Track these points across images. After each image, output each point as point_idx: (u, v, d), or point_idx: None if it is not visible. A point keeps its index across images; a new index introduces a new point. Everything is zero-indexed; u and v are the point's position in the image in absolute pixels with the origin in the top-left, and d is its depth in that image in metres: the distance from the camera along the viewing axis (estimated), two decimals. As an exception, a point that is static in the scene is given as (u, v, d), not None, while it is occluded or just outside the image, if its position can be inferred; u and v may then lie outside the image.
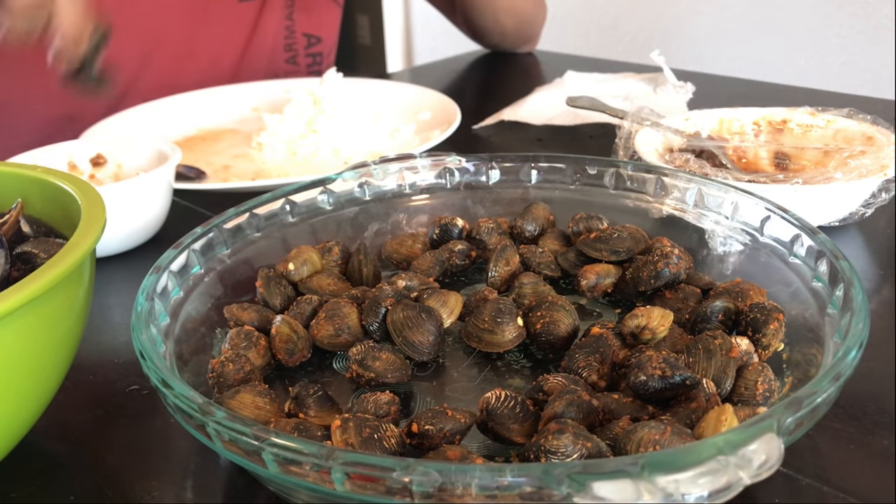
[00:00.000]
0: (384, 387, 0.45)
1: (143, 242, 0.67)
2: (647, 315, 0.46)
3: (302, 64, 1.19)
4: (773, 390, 0.42)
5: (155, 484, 0.41)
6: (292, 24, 1.16)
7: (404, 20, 2.89)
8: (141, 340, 0.40)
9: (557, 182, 0.61)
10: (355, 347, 0.46)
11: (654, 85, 0.97)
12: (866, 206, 0.62)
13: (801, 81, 1.14)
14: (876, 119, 0.68)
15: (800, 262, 0.48)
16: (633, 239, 0.54)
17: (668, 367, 0.40)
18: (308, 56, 1.20)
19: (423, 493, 0.30)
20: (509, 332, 0.47)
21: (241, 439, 0.33)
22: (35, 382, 0.40)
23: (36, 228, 0.48)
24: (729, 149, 0.71)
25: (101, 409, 0.48)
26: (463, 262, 0.57)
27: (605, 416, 0.40)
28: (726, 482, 0.29)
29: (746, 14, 1.93)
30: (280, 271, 0.54)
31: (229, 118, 1.01)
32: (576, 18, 2.24)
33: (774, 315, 0.45)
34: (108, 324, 0.57)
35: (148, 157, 0.71)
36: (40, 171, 0.49)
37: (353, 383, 0.46)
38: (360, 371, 0.45)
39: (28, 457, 0.44)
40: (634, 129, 0.70)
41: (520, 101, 0.97)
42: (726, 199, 0.54)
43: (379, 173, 0.60)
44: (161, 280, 0.46)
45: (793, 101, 0.78)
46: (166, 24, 1.04)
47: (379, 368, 0.45)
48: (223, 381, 0.44)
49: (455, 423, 0.39)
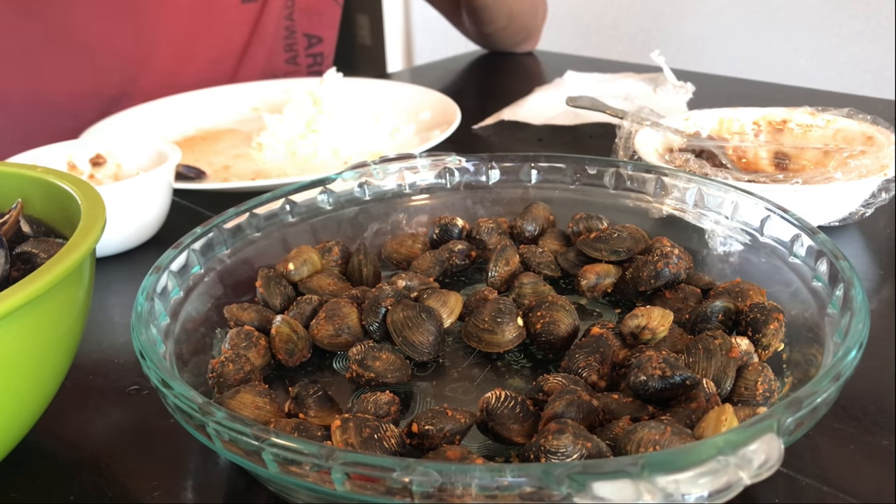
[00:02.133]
0: (384, 387, 0.45)
1: (143, 242, 0.67)
2: (647, 315, 0.46)
3: (302, 64, 1.19)
4: (773, 390, 0.42)
5: (155, 484, 0.41)
6: (293, 24, 1.16)
7: (404, 20, 2.89)
8: (141, 340, 0.40)
9: (557, 182, 0.61)
10: (355, 347, 0.46)
11: (654, 85, 0.97)
12: (866, 206, 0.62)
13: (801, 81, 1.14)
14: (876, 119, 0.68)
15: (800, 262, 0.48)
16: (633, 239, 0.54)
17: (668, 367, 0.40)
18: (308, 56, 1.19)
19: (423, 494, 0.30)
20: (509, 332, 0.47)
21: (241, 439, 0.33)
22: (35, 382, 0.40)
23: (36, 228, 0.48)
24: (729, 149, 0.71)
25: (101, 409, 0.48)
26: (463, 262, 0.57)
27: (605, 416, 0.40)
28: (726, 482, 0.29)
29: (746, 14, 1.94)
30: (280, 271, 0.54)
31: (229, 118, 1.02)
32: (576, 18, 2.24)
33: (774, 315, 0.45)
34: (108, 324, 0.57)
35: (148, 157, 0.71)
36: (40, 171, 0.49)
37: (353, 383, 0.46)
38: (360, 371, 0.45)
39: (28, 457, 0.44)
40: (634, 129, 0.70)
41: (520, 101, 0.97)
42: (726, 199, 0.54)
43: (379, 173, 0.60)
44: (161, 280, 0.46)
45: (793, 101, 0.78)
46: (168, 25, 1.04)
47: (379, 368, 0.45)
48: (223, 381, 0.44)
49: (455, 423, 0.39)
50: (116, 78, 1.03)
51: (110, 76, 1.03)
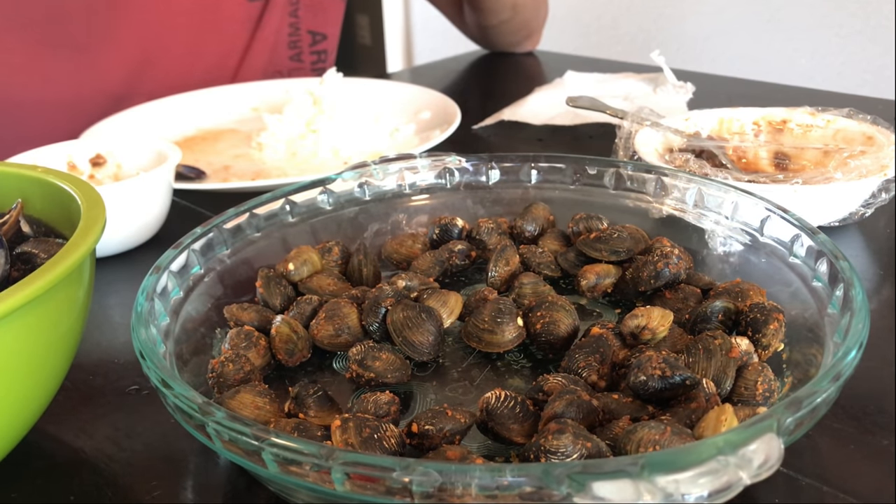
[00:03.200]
0: (384, 387, 0.45)
1: (143, 242, 0.67)
2: (647, 315, 0.46)
3: (307, 61, 1.19)
4: (773, 390, 0.42)
5: (155, 484, 0.41)
6: (297, 20, 1.15)
7: (404, 20, 2.89)
8: (141, 340, 0.40)
9: (557, 182, 0.61)
10: (355, 347, 0.46)
11: (654, 85, 0.97)
12: (866, 206, 0.62)
13: (801, 81, 1.14)
14: (876, 119, 0.68)
15: (800, 262, 0.48)
16: (633, 239, 0.54)
17: (668, 367, 0.40)
18: (313, 53, 1.19)
19: (423, 493, 0.30)
20: (509, 332, 0.47)
21: (241, 439, 0.33)
22: (35, 382, 0.40)
23: (36, 228, 0.48)
24: (729, 149, 0.71)
25: (101, 409, 0.48)
26: (463, 262, 0.57)
27: (605, 416, 0.40)
28: (726, 482, 0.29)
29: (746, 14, 1.94)
30: (280, 271, 0.54)
31: (229, 118, 1.01)
32: (576, 18, 2.24)
33: (774, 315, 0.45)
34: (108, 324, 0.57)
35: (148, 157, 0.71)
36: (40, 171, 0.49)
37: (353, 383, 0.46)
38: (360, 371, 0.45)
39: (28, 457, 0.44)
40: (634, 129, 0.70)
41: (520, 101, 0.97)
42: (726, 199, 0.54)
43: (379, 173, 0.60)
44: (161, 280, 0.46)
45: (793, 101, 0.78)
46: (174, 25, 1.04)
47: (379, 368, 0.45)
48: (223, 381, 0.44)
49: (455, 423, 0.39)
50: (120, 77, 1.03)
51: (114, 75, 1.03)
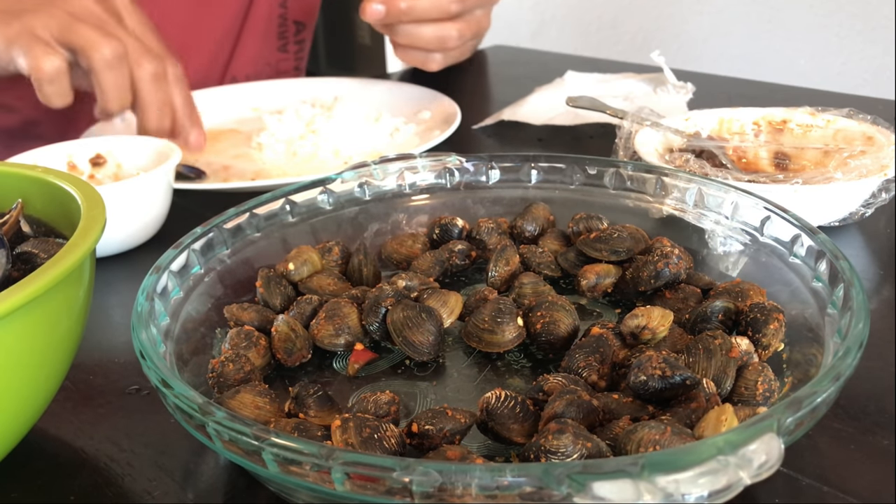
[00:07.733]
0: (384, 387, 0.45)
1: (143, 242, 0.67)
2: (647, 315, 0.46)
3: (291, 51, 1.19)
4: (773, 390, 0.42)
5: (155, 484, 0.41)
6: (286, 11, 1.16)
7: (404, 20, 2.88)
8: (141, 340, 0.40)
9: (557, 182, 0.61)
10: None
11: (654, 85, 0.97)
12: (866, 206, 0.62)
13: (801, 81, 1.14)
14: (876, 119, 0.68)
15: (800, 262, 0.48)
16: (633, 239, 0.54)
17: (668, 367, 0.40)
18: (296, 43, 1.20)
19: (423, 493, 0.30)
20: (509, 332, 0.47)
21: (241, 439, 0.33)
22: (35, 382, 0.40)
23: (36, 228, 0.48)
24: (729, 149, 0.71)
25: (101, 409, 0.48)
26: (463, 262, 0.57)
27: (605, 416, 0.40)
28: (726, 482, 0.29)
29: (746, 14, 1.93)
30: (280, 271, 0.54)
31: (229, 118, 1.01)
32: (576, 18, 2.24)
33: (774, 315, 0.45)
34: (108, 324, 0.57)
35: (148, 157, 0.71)
36: (40, 171, 0.49)
37: (353, 383, 0.46)
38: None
39: (28, 457, 0.44)
40: (634, 129, 0.70)
41: (520, 101, 0.97)
42: (726, 199, 0.54)
43: (379, 173, 0.60)
44: (161, 280, 0.46)
45: (793, 101, 0.78)
46: (171, 22, 1.04)
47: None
48: (223, 381, 0.44)
49: (455, 423, 0.39)
50: None
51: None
